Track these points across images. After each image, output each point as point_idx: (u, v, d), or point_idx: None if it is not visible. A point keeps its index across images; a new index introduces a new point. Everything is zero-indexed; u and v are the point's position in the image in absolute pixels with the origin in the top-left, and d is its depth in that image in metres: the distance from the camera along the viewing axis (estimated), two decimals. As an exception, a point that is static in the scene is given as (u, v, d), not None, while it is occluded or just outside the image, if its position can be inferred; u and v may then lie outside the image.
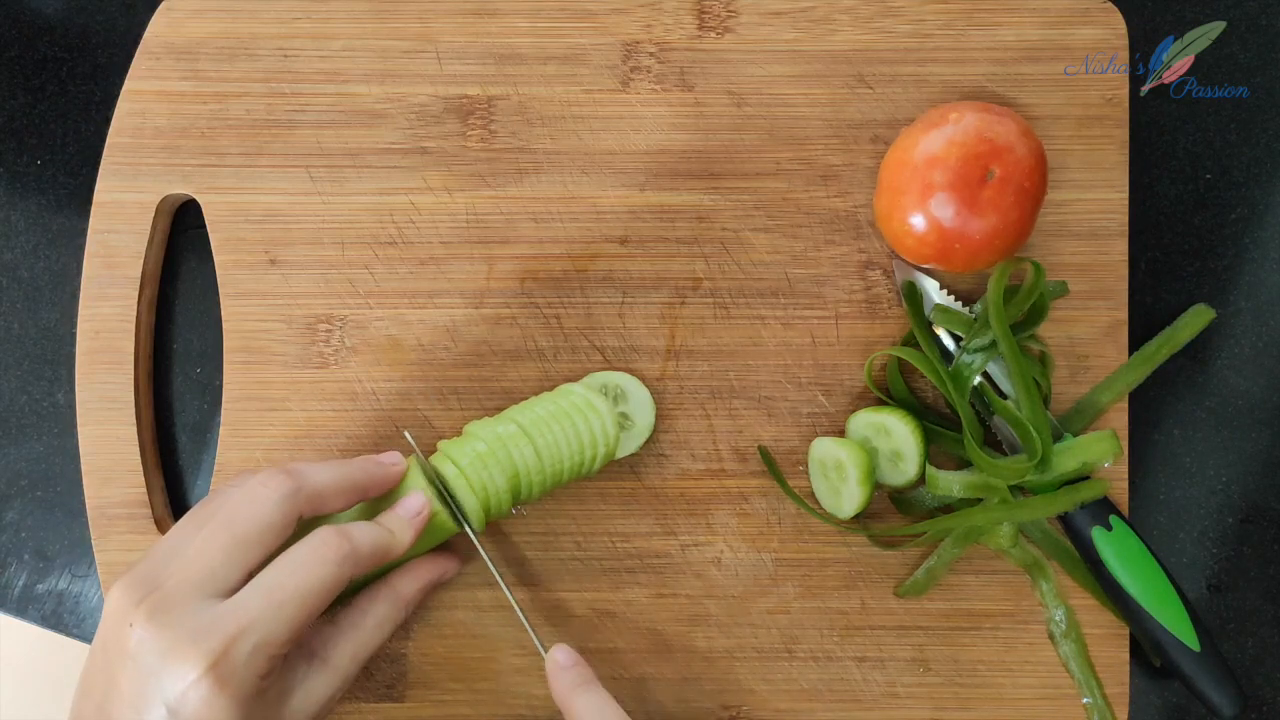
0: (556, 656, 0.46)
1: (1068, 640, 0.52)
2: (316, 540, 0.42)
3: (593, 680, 0.45)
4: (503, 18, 0.54)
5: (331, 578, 0.42)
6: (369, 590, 0.47)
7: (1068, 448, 0.49)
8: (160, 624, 0.39)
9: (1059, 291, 0.52)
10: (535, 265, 0.53)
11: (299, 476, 0.43)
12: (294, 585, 0.41)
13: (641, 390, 0.52)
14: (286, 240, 0.53)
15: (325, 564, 0.42)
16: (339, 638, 0.45)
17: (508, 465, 0.47)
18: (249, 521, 0.41)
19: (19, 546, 0.55)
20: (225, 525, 0.41)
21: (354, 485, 0.45)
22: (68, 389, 0.54)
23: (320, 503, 0.44)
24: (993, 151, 0.47)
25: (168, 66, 0.54)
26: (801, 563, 0.52)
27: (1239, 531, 0.55)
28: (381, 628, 0.46)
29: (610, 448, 0.49)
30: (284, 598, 0.40)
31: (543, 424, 0.48)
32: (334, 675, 0.44)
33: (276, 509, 0.42)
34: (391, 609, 0.47)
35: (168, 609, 0.39)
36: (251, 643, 0.39)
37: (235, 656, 0.38)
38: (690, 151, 0.53)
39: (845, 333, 0.53)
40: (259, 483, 0.42)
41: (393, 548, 0.45)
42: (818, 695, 0.52)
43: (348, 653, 0.45)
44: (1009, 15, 0.54)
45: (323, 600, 0.42)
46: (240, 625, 0.39)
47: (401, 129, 0.53)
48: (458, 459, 0.47)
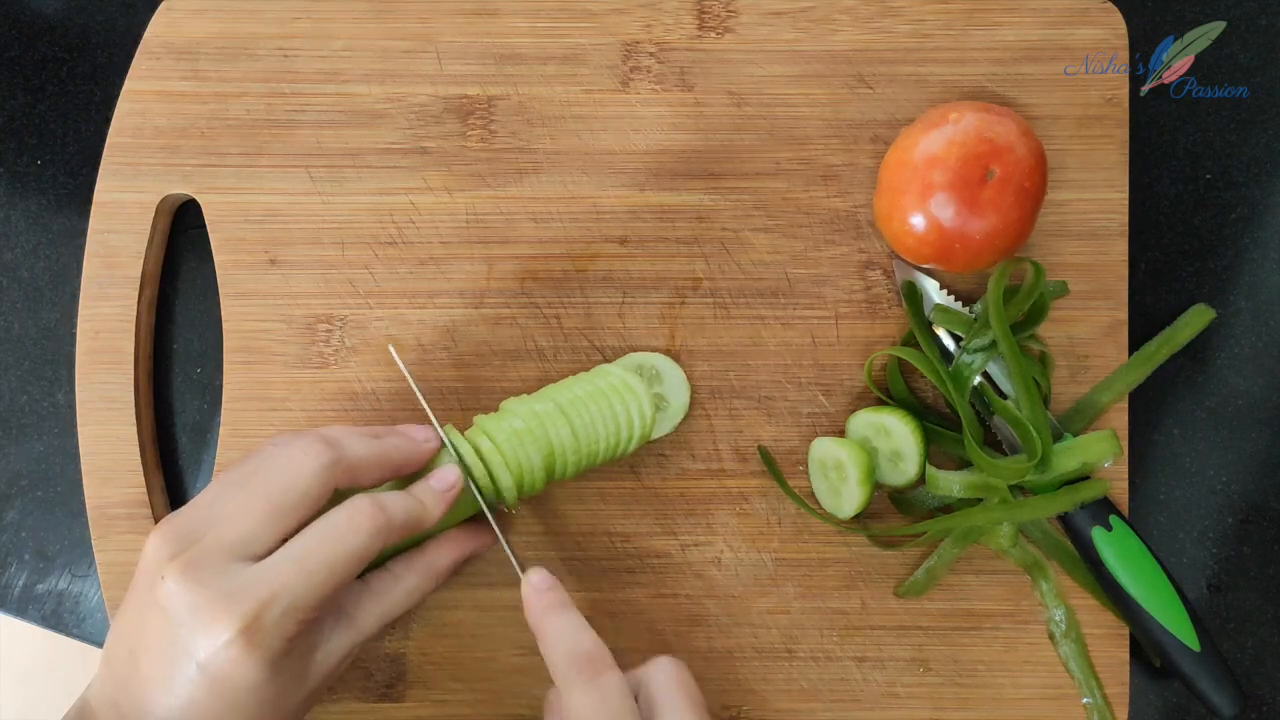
0: (532, 579, 0.45)
1: (1068, 640, 0.52)
2: (352, 509, 0.42)
3: (567, 603, 0.45)
4: (503, 18, 0.54)
5: (364, 547, 0.42)
6: (405, 557, 0.47)
7: (1068, 448, 0.49)
8: (193, 580, 0.39)
9: (1059, 291, 0.52)
10: (535, 265, 0.53)
11: (339, 447, 0.43)
12: (328, 553, 0.41)
13: (676, 371, 0.52)
14: (286, 240, 0.53)
15: (359, 533, 0.42)
16: (368, 600, 0.45)
17: (544, 443, 0.47)
18: (288, 489, 0.42)
19: (19, 546, 0.55)
20: (264, 490, 0.42)
21: (389, 462, 0.45)
22: (68, 389, 0.54)
23: (356, 475, 0.44)
24: (993, 151, 0.47)
25: (168, 66, 0.54)
26: (801, 563, 0.52)
27: (1239, 531, 0.55)
28: (410, 595, 0.46)
29: (646, 429, 0.50)
30: (316, 565, 0.41)
31: (580, 404, 0.48)
32: (357, 634, 0.44)
33: (315, 479, 0.42)
34: (423, 579, 0.47)
35: (201, 566, 0.40)
36: (282, 607, 0.40)
37: (266, 620, 0.39)
38: (690, 151, 0.53)
39: (845, 333, 0.53)
40: (301, 450, 0.43)
41: (423, 520, 0.45)
42: (818, 695, 0.52)
43: (374, 614, 0.45)
44: (1009, 15, 0.54)
45: (354, 568, 0.42)
46: (273, 590, 0.40)
47: (401, 129, 0.53)
48: (494, 434, 0.47)
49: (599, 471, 0.52)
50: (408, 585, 0.46)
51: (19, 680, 1.21)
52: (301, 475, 0.42)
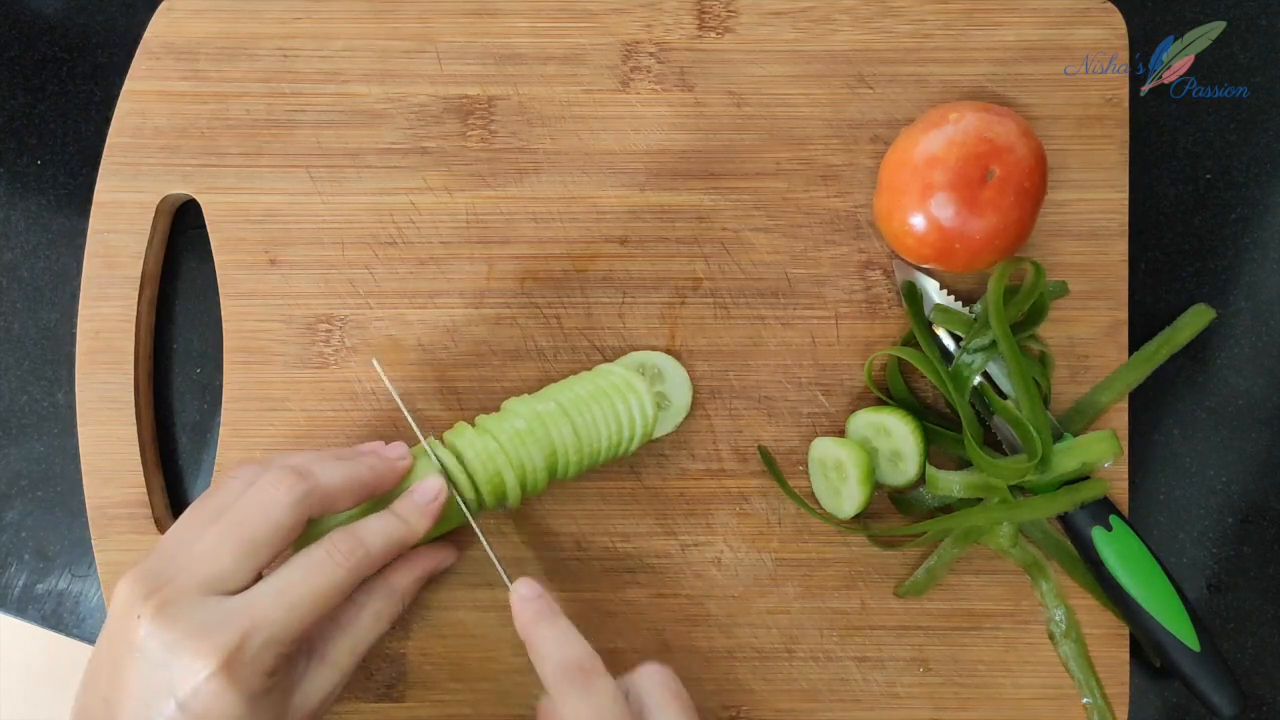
0: (520, 590, 0.45)
1: (1068, 640, 0.52)
2: (330, 545, 0.43)
3: (556, 612, 0.45)
4: (503, 18, 0.54)
5: (343, 580, 0.42)
6: (365, 585, 0.47)
7: (1068, 448, 0.49)
8: (170, 617, 0.39)
9: (1059, 291, 0.52)
10: (535, 265, 0.53)
11: (310, 478, 0.43)
12: (308, 586, 0.41)
13: (679, 370, 0.52)
14: (286, 240, 0.53)
15: (338, 567, 0.42)
16: (337, 634, 0.45)
17: (546, 444, 0.48)
18: (260, 524, 0.42)
19: (19, 546, 0.55)
20: (235, 526, 0.41)
21: (363, 485, 0.45)
22: (68, 389, 0.54)
23: (330, 503, 0.44)
24: (993, 151, 0.47)
25: (168, 66, 0.54)
26: (801, 563, 0.52)
27: (1239, 531, 0.55)
28: (378, 622, 0.46)
29: (649, 428, 0.50)
30: (296, 598, 0.41)
31: (582, 403, 0.48)
32: (333, 671, 0.44)
33: (287, 512, 0.42)
34: (387, 603, 0.47)
35: (177, 604, 0.39)
36: (262, 639, 0.39)
37: (246, 653, 0.39)
38: (690, 151, 0.53)
39: (845, 333, 0.53)
40: (270, 483, 0.42)
41: (408, 538, 0.45)
42: (818, 695, 0.52)
43: (345, 648, 0.45)
44: (1009, 15, 0.54)
45: (333, 601, 0.42)
46: (253, 622, 0.39)
47: (401, 129, 0.53)
48: (497, 434, 0.47)
49: (599, 471, 0.52)
50: (373, 611, 0.46)
51: (19, 680, 1.21)
52: (273, 509, 0.42)
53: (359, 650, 0.45)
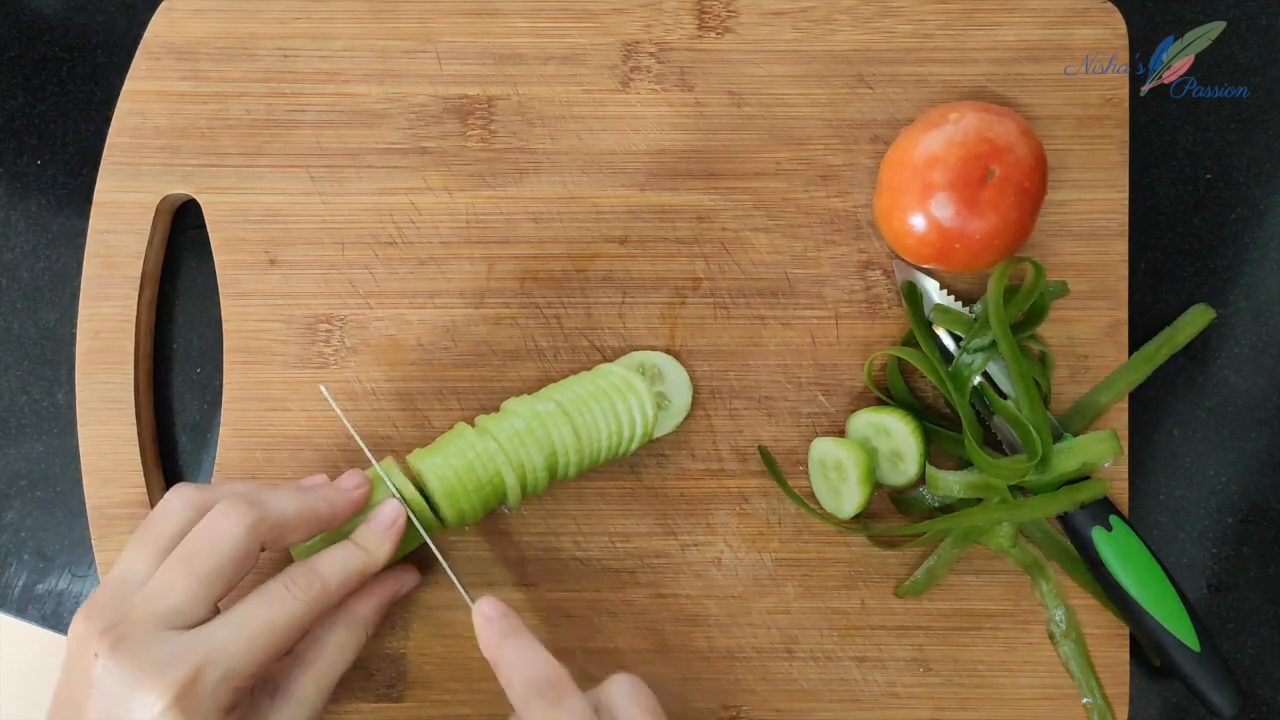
0: (483, 609, 0.44)
1: (1068, 640, 0.52)
2: (288, 579, 0.43)
3: (521, 629, 0.44)
4: (503, 18, 0.54)
5: (301, 614, 0.42)
6: (326, 618, 0.46)
7: (1068, 448, 0.49)
8: (124, 653, 0.39)
9: (1059, 291, 0.52)
10: (535, 265, 0.53)
11: (262, 507, 0.43)
12: (264, 620, 0.41)
13: (678, 370, 0.52)
14: (286, 240, 0.53)
15: (295, 601, 0.42)
16: (300, 670, 0.45)
17: (546, 443, 0.48)
18: (211, 555, 0.41)
19: (19, 546, 0.55)
20: (188, 559, 0.41)
21: (316, 518, 0.45)
22: (68, 389, 0.54)
23: (283, 533, 0.44)
24: (993, 151, 0.47)
25: (168, 66, 0.54)
26: (801, 563, 0.52)
27: (1239, 531, 0.55)
28: (343, 654, 0.46)
29: (649, 428, 0.50)
30: (252, 632, 0.41)
31: (581, 403, 0.48)
32: (299, 708, 0.44)
33: (238, 542, 0.42)
34: (350, 634, 0.46)
35: (132, 639, 0.39)
36: (219, 674, 0.39)
37: (201, 687, 0.39)
38: (690, 151, 0.53)
39: (845, 333, 0.53)
40: (220, 514, 0.42)
41: (368, 566, 0.45)
42: (818, 695, 0.52)
43: (309, 684, 0.45)
44: (1009, 15, 0.54)
45: (292, 635, 0.42)
46: (207, 655, 0.39)
47: (401, 129, 0.53)
48: (496, 434, 0.47)
49: (599, 471, 0.52)
50: (337, 644, 0.46)
51: (19, 680, 1.21)
52: (226, 539, 0.42)
53: (324, 686, 0.45)
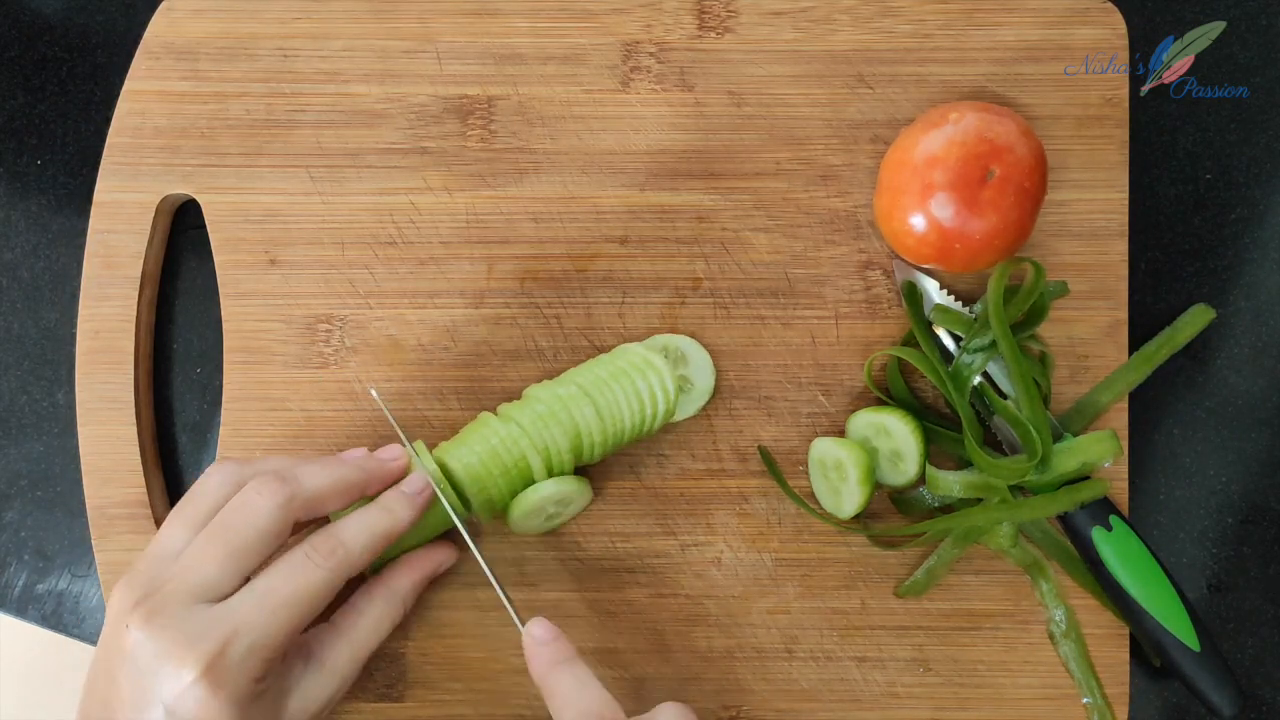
0: (534, 631, 0.44)
1: (1068, 640, 0.51)
2: (309, 546, 0.43)
3: (573, 656, 0.44)
4: (503, 18, 0.54)
5: (323, 582, 0.42)
6: (365, 589, 0.47)
7: (1068, 448, 0.49)
8: (157, 626, 0.39)
9: (1059, 291, 0.52)
10: (535, 265, 0.53)
11: (294, 483, 0.43)
12: (288, 590, 0.41)
13: (701, 353, 0.52)
14: (286, 240, 0.53)
15: (318, 569, 0.42)
16: (336, 640, 0.45)
17: (569, 425, 0.48)
18: (244, 530, 0.42)
19: (19, 546, 0.55)
20: (221, 533, 0.42)
21: (350, 486, 0.45)
22: (68, 389, 0.54)
23: (317, 506, 0.44)
24: (993, 151, 0.47)
25: (168, 66, 0.54)
26: (801, 563, 0.52)
27: (1239, 531, 0.55)
28: (379, 627, 0.46)
29: (670, 405, 0.50)
30: (277, 602, 0.41)
31: (602, 384, 0.49)
32: (331, 677, 0.44)
33: (270, 518, 0.42)
34: (388, 607, 0.47)
35: (163, 612, 0.40)
36: (245, 645, 0.40)
37: (229, 659, 0.39)
38: (690, 151, 0.53)
39: (845, 333, 0.53)
40: (254, 490, 0.43)
41: (392, 530, 0.45)
42: (818, 695, 0.52)
43: (345, 654, 0.45)
44: (1009, 15, 0.54)
45: (317, 603, 0.42)
46: (234, 628, 0.40)
47: (401, 129, 0.53)
48: (520, 419, 0.48)
49: (600, 471, 0.52)
50: (374, 616, 0.46)
51: (19, 680, 1.21)
52: (258, 515, 0.42)
53: (359, 656, 0.45)
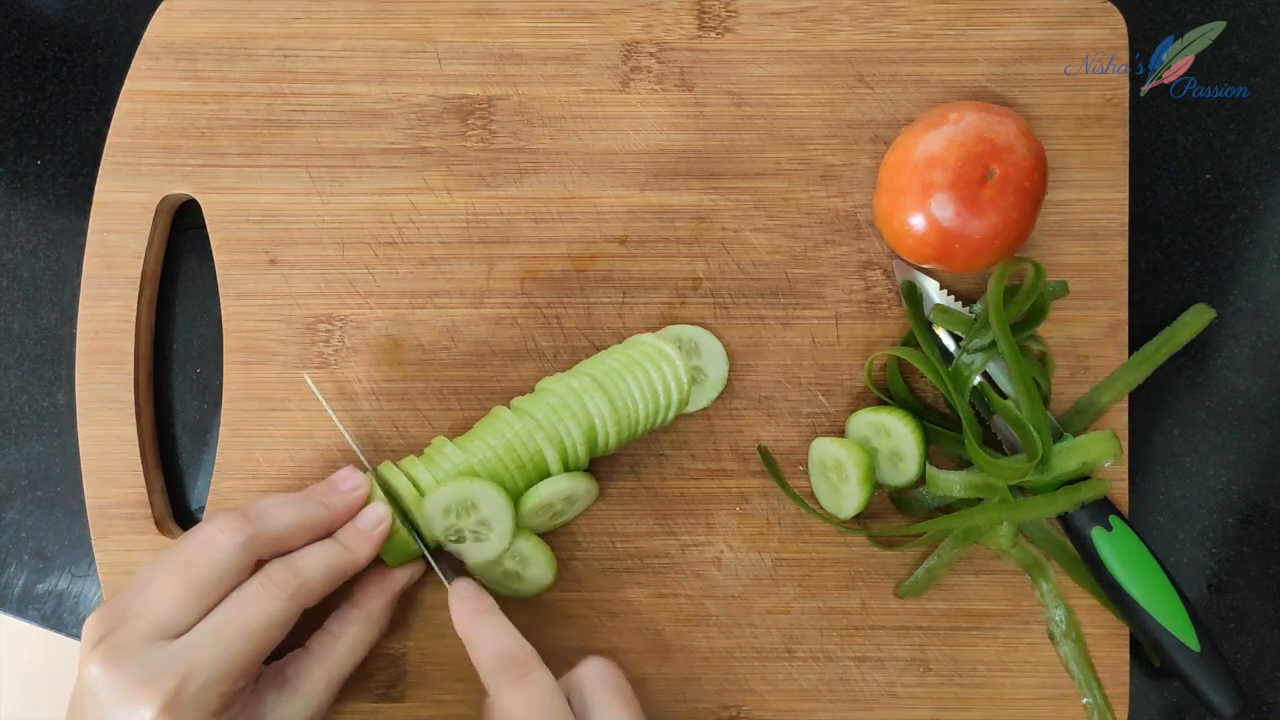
0: (458, 589, 0.47)
1: (1068, 640, 0.52)
2: (265, 577, 0.43)
3: (493, 608, 0.46)
4: (503, 18, 0.54)
5: (281, 613, 0.43)
6: (339, 613, 0.48)
7: (1068, 448, 0.49)
8: (114, 663, 0.40)
9: (1059, 291, 0.52)
10: (535, 265, 0.53)
11: (257, 521, 0.44)
12: (244, 622, 0.42)
13: (715, 344, 0.52)
14: (286, 240, 0.53)
15: (273, 600, 0.43)
16: (311, 664, 0.46)
17: (583, 417, 0.48)
18: (204, 566, 0.42)
19: (19, 546, 0.55)
20: (182, 570, 0.42)
21: (314, 525, 0.46)
22: (68, 389, 0.54)
23: (280, 545, 0.45)
24: (993, 151, 0.47)
25: (168, 66, 0.54)
26: (801, 563, 0.52)
27: (1239, 531, 0.55)
28: (354, 650, 0.47)
29: (684, 394, 0.50)
30: (233, 635, 0.41)
31: (615, 374, 0.49)
32: (307, 701, 0.45)
33: (232, 556, 0.43)
34: (361, 629, 0.47)
35: (122, 648, 0.40)
36: (202, 680, 0.40)
37: (186, 695, 0.40)
38: (690, 151, 0.53)
39: (845, 333, 0.53)
40: (217, 528, 0.43)
41: (349, 565, 0.46)
42: (818, 695, 0.52)
43: (320, 679, 0.45)
44: (1009, 15, 0.54)
45: (274, 634, 0.43)
46: (191, 664, 0.40)
47: (401, 129, 0.53)
48: (533, 412, 0.48)
49: (600, 470, 0.52)
50: (349, 640, 0.47)
51: (19, 680, 1.21)
52: (220, 552, 0.43)
53: (335, 680, 0.46)
